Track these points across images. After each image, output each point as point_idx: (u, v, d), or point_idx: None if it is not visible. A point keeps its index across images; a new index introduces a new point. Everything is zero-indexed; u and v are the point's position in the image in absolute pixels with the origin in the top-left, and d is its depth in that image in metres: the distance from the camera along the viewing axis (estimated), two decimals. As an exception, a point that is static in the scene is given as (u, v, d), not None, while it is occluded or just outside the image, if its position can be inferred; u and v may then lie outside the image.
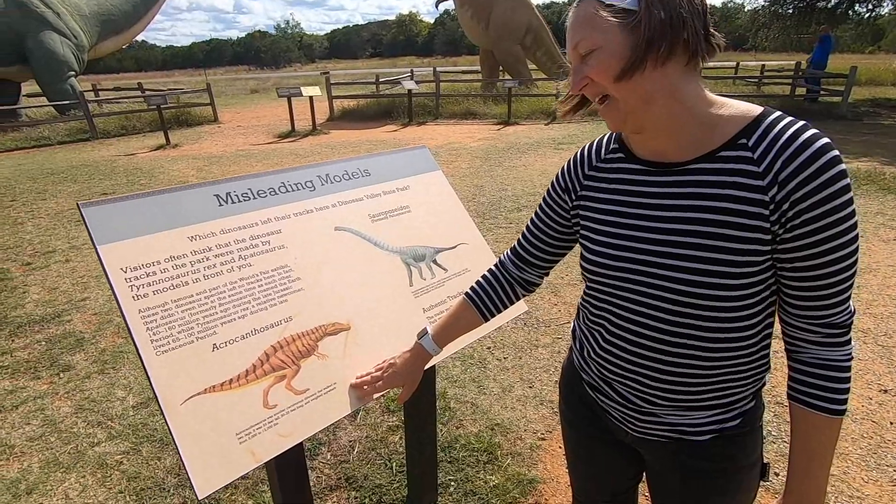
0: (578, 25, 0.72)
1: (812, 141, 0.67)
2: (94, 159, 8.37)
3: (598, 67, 0.71)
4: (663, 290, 0.76)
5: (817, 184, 0.66)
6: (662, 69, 0.69)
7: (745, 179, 0.70)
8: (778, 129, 0.69)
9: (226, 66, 73.50)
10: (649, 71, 0.69)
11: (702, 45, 0.69)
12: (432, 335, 1.10)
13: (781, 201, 0.68)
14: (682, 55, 0.69)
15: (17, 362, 2.82)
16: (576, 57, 0.74)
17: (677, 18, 0.66)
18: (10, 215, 5.49)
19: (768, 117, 0.71)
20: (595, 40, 0.70)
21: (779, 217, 0.69)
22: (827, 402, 0.74)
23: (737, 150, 0.71)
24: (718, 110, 0.73)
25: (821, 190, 0.66)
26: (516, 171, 6.67)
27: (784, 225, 0.69)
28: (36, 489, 1.96)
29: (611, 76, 0.70)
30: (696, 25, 0.68)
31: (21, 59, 11.49)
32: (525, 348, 2.85)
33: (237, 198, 1.22)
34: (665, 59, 0.68)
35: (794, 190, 0.67)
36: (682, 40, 0.67)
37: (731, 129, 0.72)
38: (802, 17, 13.56)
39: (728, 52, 40.47)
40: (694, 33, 0.68)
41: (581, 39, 0.72)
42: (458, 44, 65.14)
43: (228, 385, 1.01)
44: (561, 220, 0.96)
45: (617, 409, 0.91)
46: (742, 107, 0.74)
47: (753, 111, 0.73)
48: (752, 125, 0.71)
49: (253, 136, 10.52)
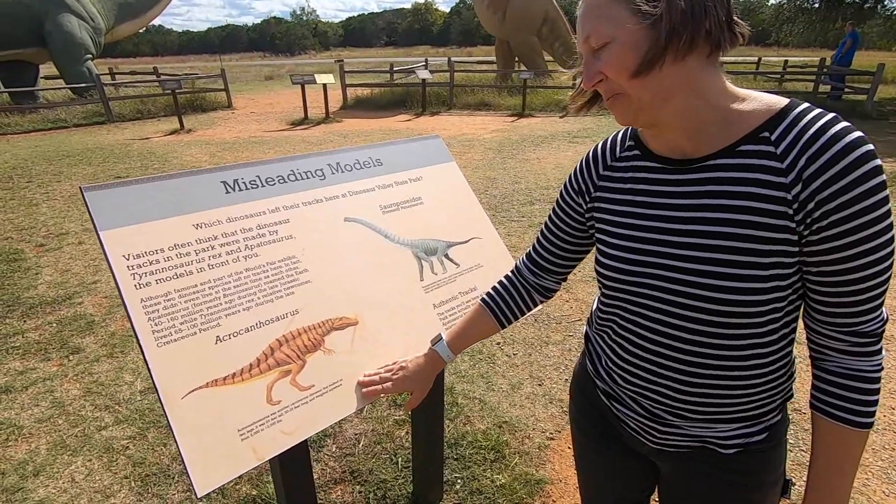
0: (590, 16, 0.66)
1: (842, 135, 0.61)
2: (108, 142, 8.42)
3: (613, 62, 0.65)
4: (684, 295, 0.71)
5: (846, 182, 0.60)
6: (682, 63, 0.63)
7: (767, 176, 0.65)
8: (805, 123, 0.63)
9: (241, 52, 73.55)
10: (668, 65, 0.63)
11: (725, 36, 0.63)
12: (447, 342, 1.06)
13: (806, 201, 0.62)
14: (704, 47, 0.63)
15: (28, 343, 2.83)
16: (587, 50, 0.69)
17: (699, 7, 0.60)
18: (25, 196, 5.54)
19: (795, 109, 0.65)
20: (609, 32, 0.64)
21: (803, 218, 0.63)
22: (852, 414, 0.69)
23: (758, 145, 0.66)
24: (741, 103, 0.68)
25: (850, 189, 0.60)
26: (530, 164, 6.58)
27: (810, 226, 0.63)
28: (43, 471, 1.97)
29: (627, 72, 0.65)
30: (720, 14, 0.61)
31: (39, 42, 11.56)
32: (535, 345, 2.81)
33: (245, 185, 1.19)
34: (686, 52, 0.62)
35: (819, 189, 0.61)
36: (705, 31, 0.61)
37: (754, 122, 0.66)
38: (829, 11, 13.18)
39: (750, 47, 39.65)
40: (717, 23, 0.61)
41: (593, 31, 0.66)
42: (474, 34, 64.48)
43: (231, 379, 0.98)
44: (576, 224, 0.91)
45: (636, 419, 0.86)
46: (767, 99, 0.68)
47: (779, 103, 0.67)
48: (777, 118, 0.66)
49: (266, 122, 10.52)
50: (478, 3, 13.82)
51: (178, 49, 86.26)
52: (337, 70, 12.55)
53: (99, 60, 14.10)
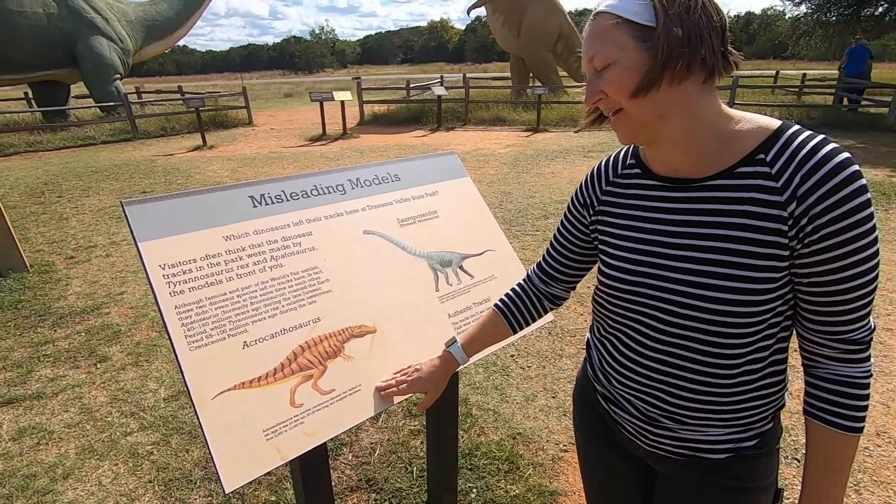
0: (594, 39, 0.72)
1: (832, 156, 0.65)
2: (134, 158, 8.72)
3: (614, 82, 0.71)
4: (678, 305, 0.76)
5: (836, 199, 0.64)
6: (679, 86, 0.68)
7: (763, 195, 0.69)
8: (797, 144, 0.68)
9: (262, 71, 75.53)
10: (665, 88, 0.68)
11: (719, 63, 0.68)
12: (462, 344, 1.11)
13: (800, 216, 0.67)
14: (700, 72, 0.68)
15: (59, 351, 2.95)
16: (591, 70, 0.74)
17: (695, 36, 0.65)
18: (56, 210, 5.76)
19: (787, 131, 0.70)
20: (611, 55, 0.70)
21: (797, 232, 0.67)
22: (844, 419, 0.73)
23: (754, 166, 0.70)
24: (736, 125, 0.72)
25: (840, 205, 0.64)
26: (544, 179, 6.63)
27: (802, 240, 0.68)
28: (72, 474, 2.04)
29: (626, 92, 0.70)
30: (714, 43, 0.66)
31: (71, 62, 12.07)
32: (549, 357, 2.82)
33: (271, 199, 1.25)
34: (682, 76, 0.67)
35: (812, 205, 0.66)
36: (700, 58, 0.66)
37: (749, 145, 0.71)
38: (847, 24, 13.08)
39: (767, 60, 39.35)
40: (712, 51, 0.66)
41: (596, 53, 0.71)
42: (489, 50, 65.25)
43: (257, 382, 1.03)
44: (581, 235, 0.97)
45: (630, 422, 0.90)
46: (760, 121, 0.73)
47: (772, 125, 0.71)
48: (771, 140, 0.70)
49: (285, 138, 10.77)
50: (493, 21, 14.06)
51: (201, 68, 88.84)
52: (354, 87, 12.83)
53: (126, 80, 14.62)
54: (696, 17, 0.65)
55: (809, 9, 13.94)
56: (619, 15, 0.68)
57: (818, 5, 13.56)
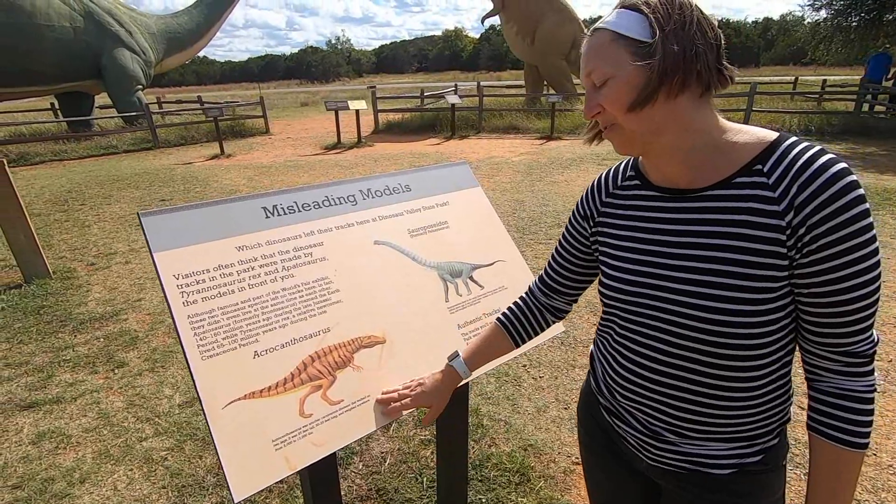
0: (593, 54, 0.73)
1: (828, 166, 0.66)
2: (155, 167, 8.91)
3: (611, 97, 0.72)
4: (679, 315, 0.75)
5: (834, 208, 0.64)
6: (675, 101, 0.69)
7: (761, 205, 0.69)
8: (793, 155, 0.68)
9: (279, 80, 76.77)
10: (661, 103, 0.69)
11: (714, 79, 0.69)
12: (464, 358, 1.11)
13: (798, 226, 0.67)
14: (696, 88, 0.69)
15: (78, 356, 3.01)
16: (589, 84, 0.75)
17: (691, 52, 0.66)
18: (79, 218, 5.91)
19: (784, 142, 0.70)
20: (608, 70, 0.71)
21: (795, 242, 0.67)
22: (847, 434, 0.71)
23: (752, 177, 0.70)
24: (733, 137, 0.73)
25: (837, 215, 0.64)
26: (558, 187, 6.61)
27: (801, 250, 0.67)
28: (88, 479, 2.08)
29: (622, 106, 0.71)
30: (710, 59, 0.67)
31: (96, 74, 12.43)
32: (562, 368, 2.80)
33: (283, 210, 1.27)
34: (678, 91, 0.68)
35: (810, 214, 0.66)
36: (696, 73, 0.67)
37: (747, 155, 0.72)
38: (867, 29, 12.86)
39: (787, 66, 38.79)
40: (707, 66, 0.67)
41: (595, 69, 0.73)
42: (503, 59, 65.47)
43: (267, 392, 1.04)
44: (582, 246, 0.97)
45: (633, 435, 0.89)
46: (757, 133, 0.73)
47: (769, 137, 0.72)
48: (768, 151, 0.71)
49: (301, 147, 10.91)
50: (507, 29, 14.12)
51: (220, 78, 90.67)
52: (369, 96, 12.96)
53: (148, 90, 15.02)
54: (691, 33, 0.66)
55: (829, 14, 13.74)
56: (617, 31, 0.69)
57: (838, 10, 13.37)
